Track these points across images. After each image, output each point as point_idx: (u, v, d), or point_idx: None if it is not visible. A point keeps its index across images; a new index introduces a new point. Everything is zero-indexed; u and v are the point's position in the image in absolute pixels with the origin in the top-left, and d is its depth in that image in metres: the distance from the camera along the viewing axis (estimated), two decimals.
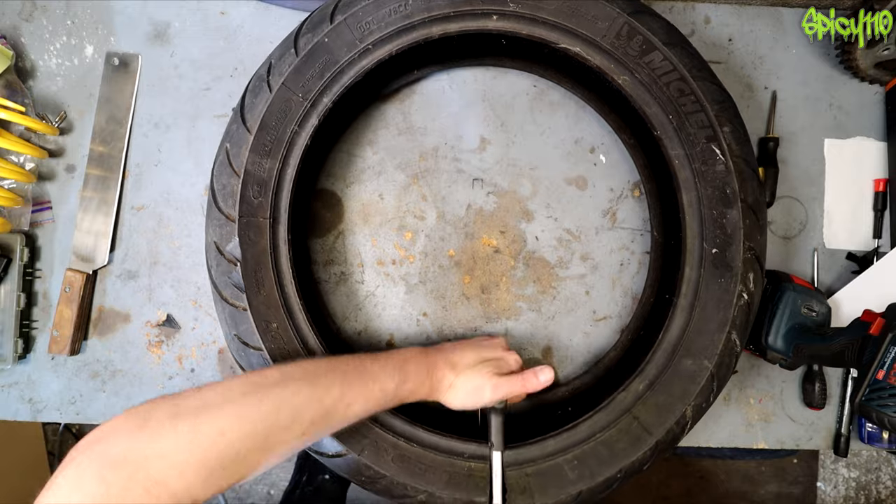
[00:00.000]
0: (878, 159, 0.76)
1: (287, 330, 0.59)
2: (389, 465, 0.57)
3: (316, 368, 0.47)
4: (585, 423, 0.59)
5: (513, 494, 0.57)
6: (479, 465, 0.58)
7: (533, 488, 0.58)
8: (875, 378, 0.57)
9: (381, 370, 0.52)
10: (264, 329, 0.58)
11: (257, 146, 0.60)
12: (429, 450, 0.58)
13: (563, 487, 0.58)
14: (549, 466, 0.58)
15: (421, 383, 0.55)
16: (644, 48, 0.61)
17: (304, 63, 0.60)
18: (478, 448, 0.58)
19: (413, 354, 0.56)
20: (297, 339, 0.59)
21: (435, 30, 0.61)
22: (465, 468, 0.58)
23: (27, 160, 0.73)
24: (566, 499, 0.58)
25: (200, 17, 0.75)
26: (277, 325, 0.59)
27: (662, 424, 0.59)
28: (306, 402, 0.43)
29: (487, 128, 0.74)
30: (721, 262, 0.60)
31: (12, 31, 0.74)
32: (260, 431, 0.39)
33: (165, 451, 0.35)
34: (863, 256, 0.75)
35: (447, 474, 0.57)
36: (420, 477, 0.57)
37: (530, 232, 0.74)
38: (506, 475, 0.58)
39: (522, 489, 0.58)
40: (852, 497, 1.63)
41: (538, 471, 0.58)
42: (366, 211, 0.73)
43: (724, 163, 0.60)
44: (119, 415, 0.37)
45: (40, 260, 0.73)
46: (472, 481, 0.57)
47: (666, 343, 0.60)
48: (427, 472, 0.57)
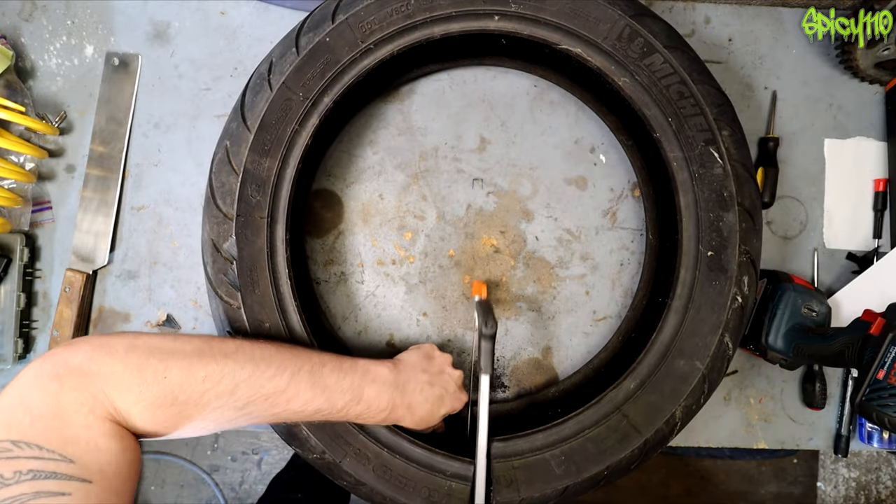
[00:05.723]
0: (878, 159, 0.76)
1: (280, 330, 0.59)
2: (370, 474, 0.57)
3: (272, 356, 0.49)
4: (574, 418, 0.59)
5: (499, 487, 0.57)
6: (459, 485, 0.57)
7: (519, 481, 0.58)
8: (875, 378, 0.57)
9: (336, 384, 0.51)
10: (257, 328, 0.58)
11: (257, 145, 0.60)
12: (411, 464, 0.58)
13: (548, 482, 0.58)
14: (535, 460, 0.58)
15: (373, 415, 0.54)
16: (645, 50, 0.61)
17: (306, 62, 0.60)
18: (461, 467, 0.58)
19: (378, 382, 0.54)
20: (290, 339, 0.59)
21: (437, 30, 0.61)
22: (446, 487, 0.57)
23: (27, 160, 0.73)
24: (552, 493, 0.58)
25: (200, 17, 0.75)
26: (270, 325, 0.59)
27: (652, 424, 0.59)
28: (247, 381, 0.46)
29: (487, 128, 0.74)
30: (716, 265, 0.60)
31: (12, 31, 0.74)
32: (198, 388, 0.43)
33: (115, 372, 0.40)
34: (863, 256, 0.75)
35: (427, 490, 0.57)
36: (400, 490, 0.57)
37: (530, 232, 0.74)
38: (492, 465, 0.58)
39: (509, 482, 0.58)
40: (852, 497, 1.63)
41: (525, 464, 0.58)
42: (366, 211, 0.73)
43: (722, 166, 0.61)
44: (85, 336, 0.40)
45: (40, 260, 0.73)
46: (451, 501, 0.57)
47: (659, 343, 0.60)
48: (407, 487, 0.57)
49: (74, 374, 0.39)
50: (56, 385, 0.38)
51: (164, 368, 0.42)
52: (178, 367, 0.43)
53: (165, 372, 0.42)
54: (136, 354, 0.42)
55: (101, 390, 0.39)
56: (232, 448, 1.60)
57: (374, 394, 0.53)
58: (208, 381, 0.44)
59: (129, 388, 0.40)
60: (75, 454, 0.37)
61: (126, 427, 0.41)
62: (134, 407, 0.41)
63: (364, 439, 0.58)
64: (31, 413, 0.37)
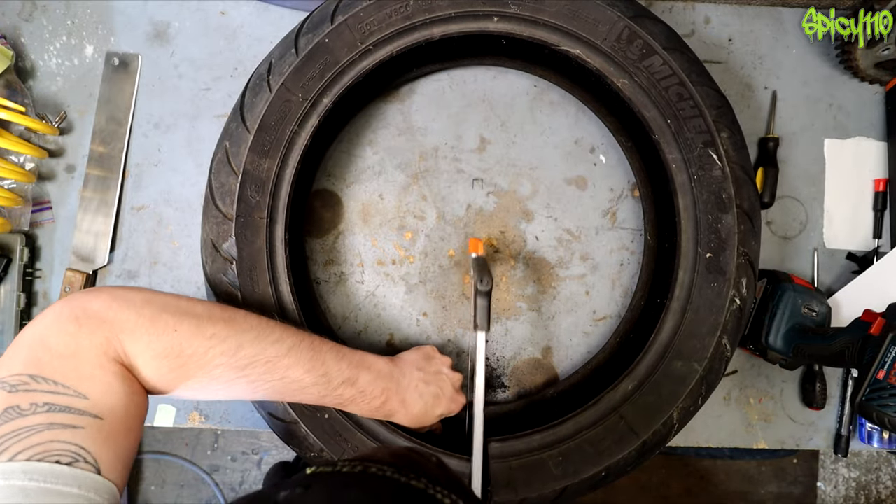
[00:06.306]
0: (878, 159, 0.76)
1: None
2: None
3: (276, 325, 0.51)
4: (572, 419, 0.59)
5: (497, 487, 0.58)
6: None
7: (517, 482, 0.58)
8: (875, 378, 0.57)
9: (335, 362, 0.52)
10: None
11: (256, 146, 0.60)
12: None
13: (546, 482, 0.58)
14: (533, 461, 0.59)
15: (367, 402, 0.54)
16: (644, 52, 0.61)
17: (305, 63, 0.60)
18: (458, 464, 0.58)
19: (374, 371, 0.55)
20: None
21: (436, 31, 0.61)
22: None
23: (27, 160, 0.73)
24: (549, 494, 0.58)
25: (200, 17, 0.75)
26: None
27: (649, 425, 0.59)
28: (251, 342, 0.48)
29: (487, 128, 0.74)
30: (714, 267, 0.60)
31: (12, 31, 0.74)
32: (204, 344, 0.45)
33: (129, 321, 0.42)
34: (863, 256, 0.75)
35: None
36: None
37: (530, 232, 0.74)
38: (490, 466, 0.58)
39: (506, 482, 0.58)
40: (852, 497, 1.63)
41: (522, 465, 0.58)
42: (366, 211, 0.73)
43: (721, 168, 0.61)
44: (105, 286, 0.45)
45: (40, 260, 0.73)
46: None
47: (657, 345, 0.60)
48: None
49: (92, 318, 0.41)
50: (74, 327, 0.40)
51: (175, 322, 0.44)
52: (188, 323, 0.45)
53: (176, 325, 0.44)
54: (151, 308, 0.44)
55: (116, 336, 0.41)
56: (232, 448, 1.60)
57: (370, 380, 0.54)
58: (215, 339, 0.46)
59: (140, 336, 0.42)
60: (89, 391, 0.39)
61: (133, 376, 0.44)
62: (142, 355, 0.42)
63: (362, 437, 0.58)
64: (49, 351, 0.39)
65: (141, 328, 0.42)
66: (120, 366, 0.42)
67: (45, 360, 0.39)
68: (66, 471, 0.35)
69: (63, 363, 0.39)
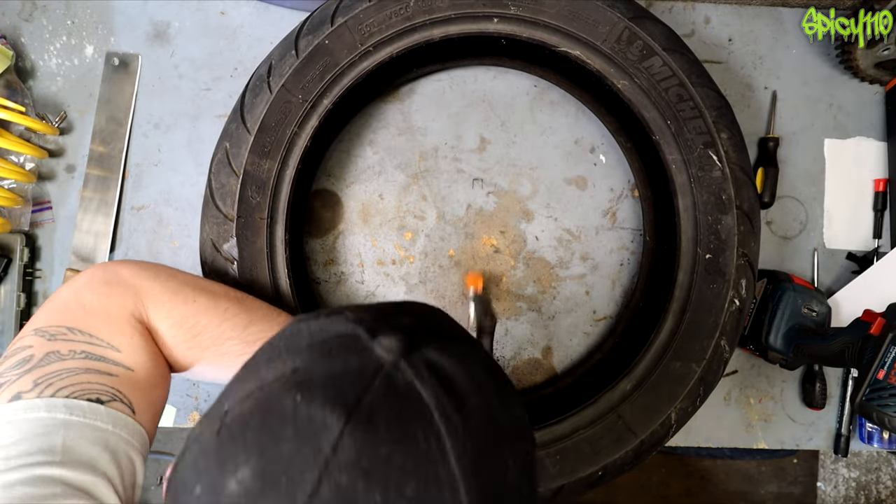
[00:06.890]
0: (878, 159, 0.76)
1: None
2: None
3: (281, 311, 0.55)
4: (570, 418, 0.60)
5: None
6: None
7: None
8: (875, 378, 0.57)
9: None
10: None
11: (257, 147, 0.60)
12: None
13: (543, 481, 0.58)
14: None
15: None
16: (644, 53, 0.61)
17: (305, 65, 0.60)
18: None
19: None
20: None
21: (436, 32, 0.61)
22: None
23: (27, 160, 0.73)
24: (546, 493, 0.58)
25: (200, 17, 0.75)
26: None
27: (647, 425, 0.59)
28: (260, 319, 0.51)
29: (487, 128, 0.74)
30: (714, 268, 0.60)
31: (12, 31, 0.74)
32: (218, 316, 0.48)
33: (154, 289, 0.46)
34: (863, 256, 0.75)
35: None
36: None
37: (530, 232, 0.74)
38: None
39: None
40: (852, 497, 1.63)
41: None
42: (366, 211, 0.73)
43: (721, 169, 0.61)
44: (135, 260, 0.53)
45: (40, 260, 0.73)
46: None
47: (656, 345, 0.60)
48: None
49: (122, 284, 0.45)
50: (106, 289, 0.44)
51: (194, 295, 0.48)
52: (205, 297, 0.49)
53: (195, 297, 0.48)
54: (174, 281, 0.48)
55: (141, 301, 0.45)
56: None
57: None
58: (228, 313, 0.49)
59: (162, 304, 0.46)
60: (120, 345, 0.42)
61: None
62: (163, 322, 0.46)
63: None
64: (83, 308, 0.43)
65: (164, 297, 0.46)
66: (145, 328, 0.45)
67: (80, 316, 0.42)
68: (102, 409, 0.38)
69: (97, 319, 0.43)
